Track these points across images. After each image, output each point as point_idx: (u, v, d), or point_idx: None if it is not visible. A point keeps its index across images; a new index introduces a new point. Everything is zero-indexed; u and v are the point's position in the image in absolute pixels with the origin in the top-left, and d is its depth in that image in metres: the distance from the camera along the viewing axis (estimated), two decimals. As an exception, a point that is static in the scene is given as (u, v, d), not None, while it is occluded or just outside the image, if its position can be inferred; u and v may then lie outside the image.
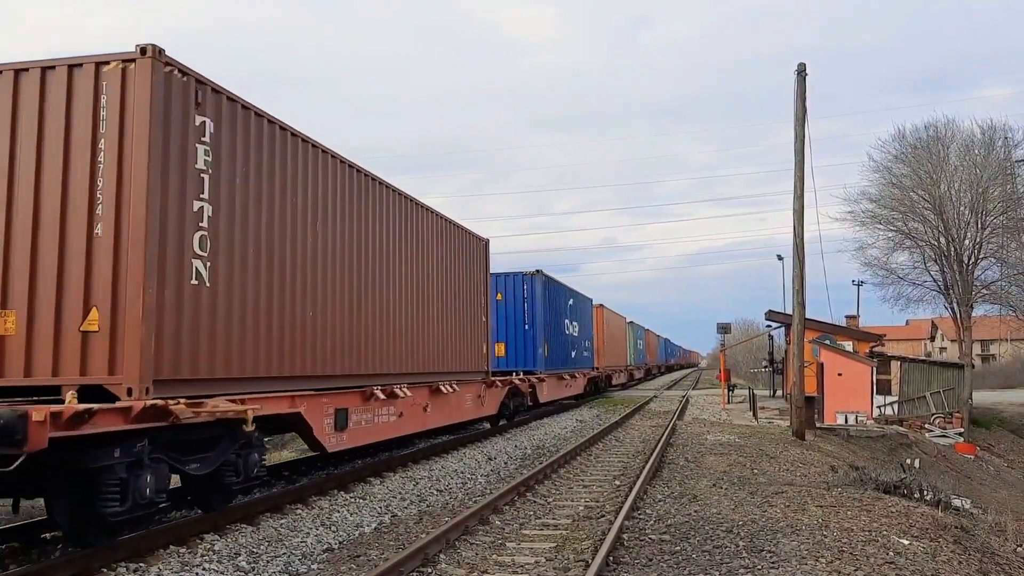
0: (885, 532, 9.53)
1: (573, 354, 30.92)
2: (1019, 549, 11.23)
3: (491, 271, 20.45)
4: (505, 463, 15.37)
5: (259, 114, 9.78)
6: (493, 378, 19.57)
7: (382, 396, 12.69)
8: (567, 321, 29.58)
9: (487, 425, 21.56)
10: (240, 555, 8.20)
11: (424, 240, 15.19)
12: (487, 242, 19.76)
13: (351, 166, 12.14)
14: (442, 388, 15.60)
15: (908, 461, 21.86)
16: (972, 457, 28.97)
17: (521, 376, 23.05)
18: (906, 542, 9.21)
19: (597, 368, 36.42)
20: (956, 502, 14.22)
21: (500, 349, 23.79)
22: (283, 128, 10.27)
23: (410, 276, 14.44)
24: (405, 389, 13.60)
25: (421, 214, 15.06)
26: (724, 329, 38.95)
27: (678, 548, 8.46)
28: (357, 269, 12.30)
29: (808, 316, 23.54)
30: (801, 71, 21.55)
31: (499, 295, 24.07)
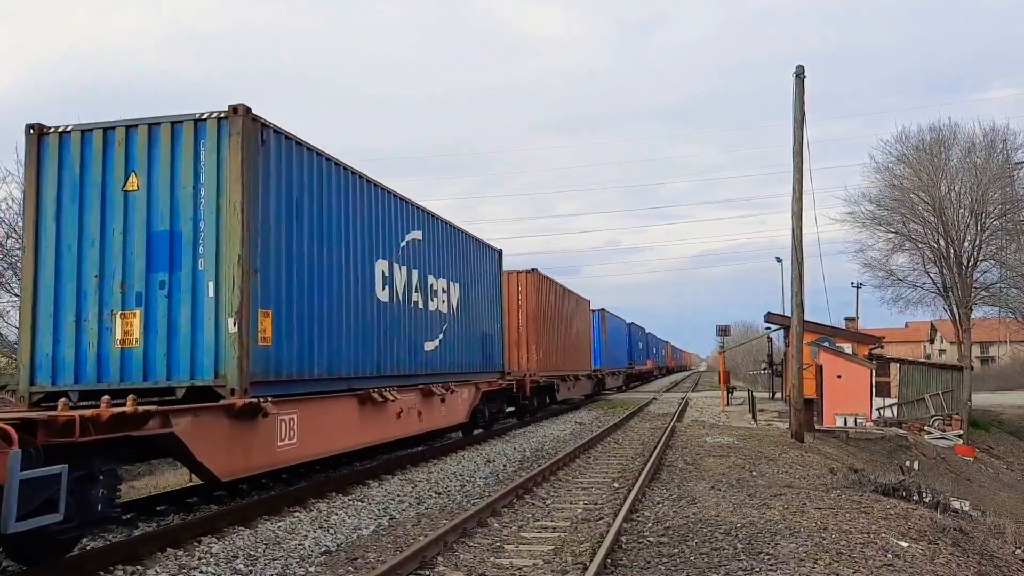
0: (884, 534, 9.53)
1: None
2: (1018, 551, 11.21)
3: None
4: (504, 466, 15.36)
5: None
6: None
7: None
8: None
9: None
10: (237, 558, 8.19)
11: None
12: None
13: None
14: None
15: (907, 463, 21.88)
16: (971, 459, 28.98)
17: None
18: (905, 544, 9.20)
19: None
20: (955, 504, 14.20)
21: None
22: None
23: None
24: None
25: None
26: (723, 331, 39.03)
27: (676, 550, 8.45)
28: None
29: (807, 318, 23.55)
30: (799, 73, 21.56)
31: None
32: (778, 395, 40.19)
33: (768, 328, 39.25)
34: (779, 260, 52.73)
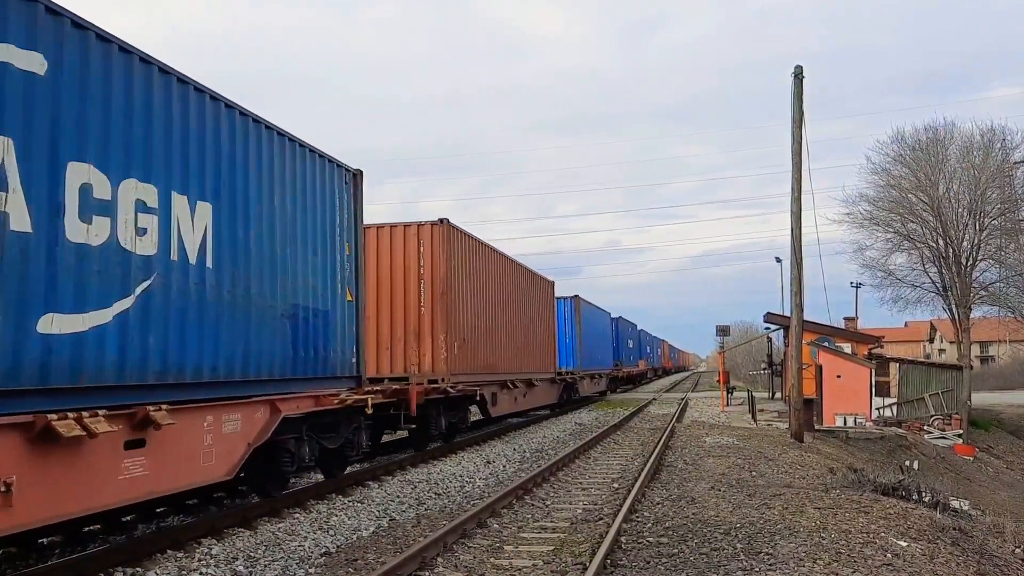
0: (883, 534, 9.54)
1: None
2: (1017, 551, 11.22)
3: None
4: (504, 466, 15.37)
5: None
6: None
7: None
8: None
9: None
10: (237, 559, 8.20)
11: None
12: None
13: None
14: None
15: (907, 463, 21.86)
16: (971, 459, 28.98)
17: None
18: (904, 544, 9.21)
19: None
20: (954, 504, 14.21)
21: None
22: None
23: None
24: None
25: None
26: (723, 331, 39.05)
27: (676, 551, 8.47)
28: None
29: (806, 318, 23.55)
30: (798, 74, 21.58)
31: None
32: (778, 395, 40.20)
33: (767, 328, 39.24)
34: (779, 260, 52.82)
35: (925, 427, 32.87)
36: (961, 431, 32.60)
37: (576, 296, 32.93)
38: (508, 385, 21.37)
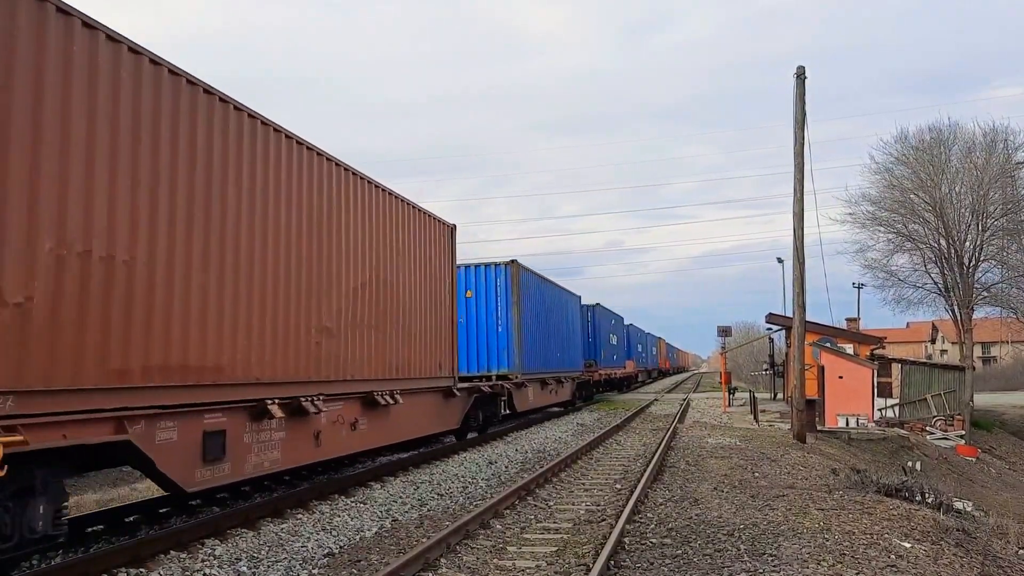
0: (887, 535, 9.52)
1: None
2: (1021, 552, 11.20)
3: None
4: (506, 467, 15.36)
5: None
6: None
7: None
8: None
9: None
10: (241, 560, 8.20)
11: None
12: None
13: None
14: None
15: (909, 464, 21.86)
16: (974, 459, 28.95)
17: None
18: (908, 545, 9.20)
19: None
20: (958, 505, 14.19)
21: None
22: None
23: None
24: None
25: None
26: (724, 332, 39.02)
27: (679, 552, 8.46)
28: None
29: (808, 319, 23.53)
30: (800, 74, 21.56)
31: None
32: (779, 396, 40.17)
33: (769, 329, 39.21)
34: (780, 260, 52.77)
35: (927, 428, 32.84)
36: (963, 432, 32.57)
37: (513, 261, 22.22)
38: (268, 412, 9.92)
